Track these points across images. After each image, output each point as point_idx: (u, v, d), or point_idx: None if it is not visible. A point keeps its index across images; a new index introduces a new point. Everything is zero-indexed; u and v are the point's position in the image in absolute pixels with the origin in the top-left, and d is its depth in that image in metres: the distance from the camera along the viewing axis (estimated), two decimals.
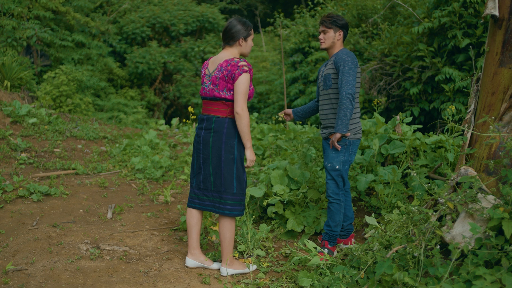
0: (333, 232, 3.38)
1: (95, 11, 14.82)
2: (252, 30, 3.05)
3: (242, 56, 3.07)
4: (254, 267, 3.17)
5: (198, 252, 3.16)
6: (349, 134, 3.24)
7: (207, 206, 3.09)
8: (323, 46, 3.35)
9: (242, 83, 2.88)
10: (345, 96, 3.13)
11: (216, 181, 3.00)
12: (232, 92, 2.93)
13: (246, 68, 2.89)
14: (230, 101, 2.94)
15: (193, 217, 3.15)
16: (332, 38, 3.31)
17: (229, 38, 2.99)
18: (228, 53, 3.00)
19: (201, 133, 3.04)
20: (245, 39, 3.00)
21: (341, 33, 3.32)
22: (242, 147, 3.01)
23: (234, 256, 3.33)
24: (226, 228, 3.03)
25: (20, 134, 6.49)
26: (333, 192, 3.34)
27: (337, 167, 3.29)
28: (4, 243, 3.42)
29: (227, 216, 3.02)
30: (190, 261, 3.15)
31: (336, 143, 3.22)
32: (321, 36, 3.34)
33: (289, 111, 3.74)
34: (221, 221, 3.05)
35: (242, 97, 2.89)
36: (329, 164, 3.32)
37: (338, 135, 3.20)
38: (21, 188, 4.63)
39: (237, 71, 2.87)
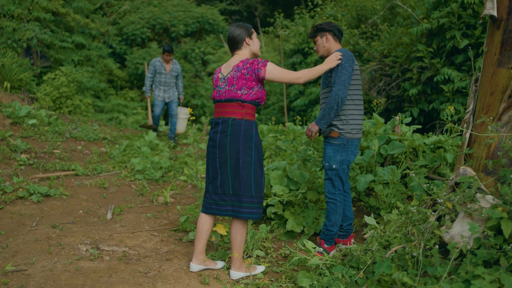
0: (328, 231, 3.38)
1: (95, 13, 14.82)
2: (253, 29, 3.10)
3: (254, 55, 3.12)
4: (263, 268, 3.15)
5: (203, 257, 3.13)
6: (317, 128, 3.28)
7: (226, 211, 3.02)
8: (319, 54, 3.48)
9: (273, 70, 2.95)
10: (334, 97, 3.16)
11: (235, 185, 2.95)
12: (250, 91, 2.94)
13: (264, 60, 2.96)
14: (246, 102, 2.94)
15: (207, 223, 3.10)
16: (322, 44, 3.41)
17: (236, 43, 3.05)
18: (240, 56, 3.04)
19: (217, 137, 2.99)
20: (250, 37, 3.05)
21: (328, 34, 3.37)
22: (259, 149, 3.00)
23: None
24: (238, 231, 3.00)
25: (20, 135, 6.49)
26: (329, 191, 3.35)
27: (334, 166, 3.29)
28: (4, 244, 3.43)
29: (243, 219, 2.99)
30: (196, 266, 3.11)
31: (312, 133, 3.30)
32: (315, 47, 3.49)
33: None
34: (234, 223, 3.01)
35: (285, 74, 2.97)
36: (327, 164, 3.33)
37: (316, 128, 3.27)
38: (20, 189, 4.63)
39: (259, 65, 2.92)
